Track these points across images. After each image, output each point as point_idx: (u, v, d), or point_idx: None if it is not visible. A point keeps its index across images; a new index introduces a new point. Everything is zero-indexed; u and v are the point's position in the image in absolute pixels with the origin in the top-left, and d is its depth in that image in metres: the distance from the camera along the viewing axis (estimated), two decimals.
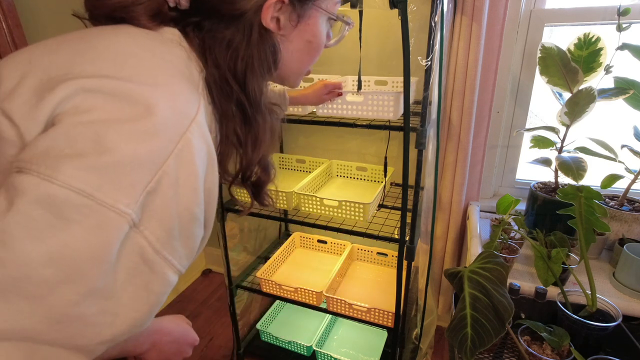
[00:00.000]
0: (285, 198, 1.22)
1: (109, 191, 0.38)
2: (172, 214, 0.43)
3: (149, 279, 0.44)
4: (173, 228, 0.44)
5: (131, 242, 0.41)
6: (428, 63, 0.96)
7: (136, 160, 0.39)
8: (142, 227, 0.41)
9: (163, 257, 0.44)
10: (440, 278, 1.58)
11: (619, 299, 0.93)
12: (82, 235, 0.37)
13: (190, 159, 0.43)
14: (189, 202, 0.44)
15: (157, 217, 0.42)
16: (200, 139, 0.44)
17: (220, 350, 1.62)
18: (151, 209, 0.41)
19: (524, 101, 1.36)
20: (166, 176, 0.41)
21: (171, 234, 0.44)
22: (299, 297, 1.35)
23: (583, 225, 0.83)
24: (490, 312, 0.69)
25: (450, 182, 1.38)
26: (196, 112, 0.45)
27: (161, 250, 0.43)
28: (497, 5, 1.15)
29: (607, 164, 1.07)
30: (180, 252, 0.46)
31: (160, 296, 0.46)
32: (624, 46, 1.02)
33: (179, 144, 0.42)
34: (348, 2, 0.92)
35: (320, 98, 1.09)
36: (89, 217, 0.37)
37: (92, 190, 0.37)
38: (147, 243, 0.42)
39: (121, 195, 0.38)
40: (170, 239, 0.44)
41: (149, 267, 0.43)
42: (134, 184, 0.39)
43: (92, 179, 0.37)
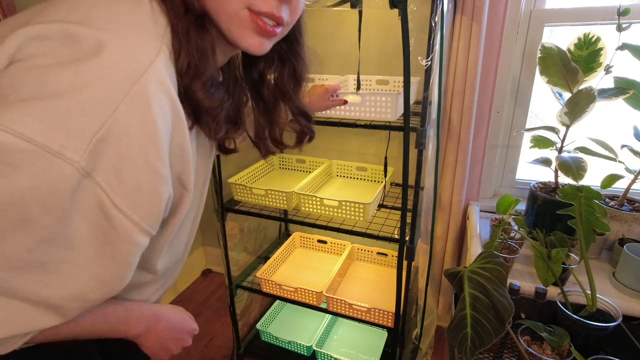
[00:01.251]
0: (285, 198, 1.22)
1: (53, 137, 0.36)
2: (129, 166, 0.41)
3: (111, 234, 0.43)
4: (132, 182, 0.41)
5: (89, 192, 0.40)
6: (428, 63, 0.96)
7: (81, 105, 0.37)
8: (99, 178, 0.39)
9: (122, 212, 0.42)
10: (440, 278, 1.58)
11: (619, 299, 0.93)
12: (29, 181, 0.37)
13: (146, 108, 0.40)
14: (147, 155, 0.42)
15: (112, 169, 0.40)
16: (158, 88, 0.41)
17: (220, 350, 1.62)
18: (105, 160, 0.39)
19: (524, 101, 1.36)
20: (117, 125, 0.39)
21: (130, 187, 0.42)
22: (299, 297, 1.35)
23: (583, 225, 0.83)
24: (490, 312, 0.69)
25: (450, 182, 1.38)
26: (153, 59, 0.41)
27: (120, 204, 0.41)
28: (497, 5, 1.15)
29: (607, 164, 1.07)
30: (143, 209, 0.44)
31: (127, 255, 0.45)
32: (624, 46, 1.02)
33: (131, 90, 0.39)
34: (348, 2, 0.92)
35: (325, 104, 1.07)
36: (35, 164, 0.36)
37: (35, 135, 0.36)
38: (105, 195, 0.40)
39: (67, 141, 0.37)
40: (130, 193, 0.42)
41: (109, 222, 0.42)
42: (80, 130, 0.37)
43: (36, 124, 0.36)
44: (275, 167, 1.60)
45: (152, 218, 0.46)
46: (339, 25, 1.42)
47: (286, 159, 1.60)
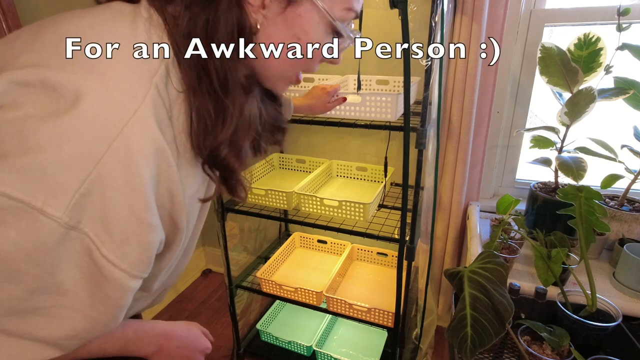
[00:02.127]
0: (285, 198, 1.22)
1: (36, 194, 0.36)
2: (116, 218, 0.40)
3: (101, 281, 0.42)
4: (120, 233, 0.41)
5: (77, 242, 0.39)
6: (428, 63, 0.96)
7: (63, 160, 0.36)
8: (86, 229, 0.39)
9: (111, 262, 0.41)
10: (440, 278, 1.58)
11: (619, 299, 0.93)
12: (14, 237, 0.37)
13: (130, 160, 0.39)
14: (134, 207, 0.41)
15: (99, 220, 0.39)
16: (143, 138, 0.40)
17: (220, 350, 1.62)
18: (91, 211, 0.39)
19: (524, 101, 1.36)
20: (101, 177, 0.38)
21: (118, 239, 0.41)
22: (299, 297, 1.35)
23: (583, 225, 0.83)
24: (490, 312, 0.69)
25: (450, 182, 1.38)
26: (139, 105, 0.39)
27: (108, 255, 0.41)
28: (497, 5, 1.15)
29: (607, 164, 1.07)
30: (133, 258, 0.43)
31: (118, 300, 0.44)
32: (624, 46, 1.02)
33: (114, 142, 0.38)
34: None
35: (325, 106, 1.07)
36: (20, 220, 0.36)
37: (16, 193, 0.36)
38: (93, 244, 0.40)
39: (49, 198, 0.36)
40: (119, 244, 0.41)
41: (99, 270, 0.41)
42: (62, 186, 0.37)
43: (17, 181, 0.36)
44: (275, 167, 1.60)
45: (143, 265, 0.45)
46: None
47: (286, 159, 1.60)
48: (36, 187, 0.36)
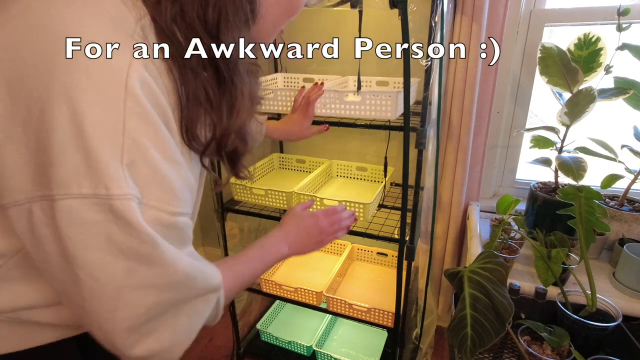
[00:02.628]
0: (285, 198, 1.22)
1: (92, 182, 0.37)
2: (163, 171, 0.42)
3: (178, 233, 0.46)
4: (172, 184, 0.43)
5: (147, 217, 0.41)
6: (428, 63, 0.96)
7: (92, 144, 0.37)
8: (147, 200, 0.41)
9: (178, 213, 0.44)
10: (440, 278, 1.58)
11: (619, 299, 0.93)
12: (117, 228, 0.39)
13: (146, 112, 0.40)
14: (170, 154, 0.43)
15: (153, 183, 0.41)
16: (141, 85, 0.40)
17: (220, 350, 1.62)
18: (144, 180, 0.40)
19: (524, 101, 1.36)
20: (134, 142, 0.39)
21: (174, 190, 0.44)
22: (299, 297, 1.35)
23: (583, 225, 0.83)
24: (490, 312, 0.69)
25: (450, 182, 1.38)
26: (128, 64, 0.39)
27: (175, 209, 0.44)
28: (497, 5, 1.15)
29: (607, 164, 1.07)
30: (186, 198, 0.46)
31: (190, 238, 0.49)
32: (624, 46, 1.02)
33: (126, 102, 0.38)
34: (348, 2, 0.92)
35: (303, 132, 1.06)
36: (106, 213, 0.38)
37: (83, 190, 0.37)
38: (160, 212, 0.42)
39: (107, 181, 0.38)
40: (175, 194, 0.44)
41: (173, 228, 0.45)
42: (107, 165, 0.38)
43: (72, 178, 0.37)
44: (275, 167, 1.60)
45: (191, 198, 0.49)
46: (339, 25, 1.42)
47: (286, 159, 1.60)
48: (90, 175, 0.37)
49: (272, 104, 1.17)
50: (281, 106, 1.17)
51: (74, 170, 0.37)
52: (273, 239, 0.68)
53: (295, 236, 0.71)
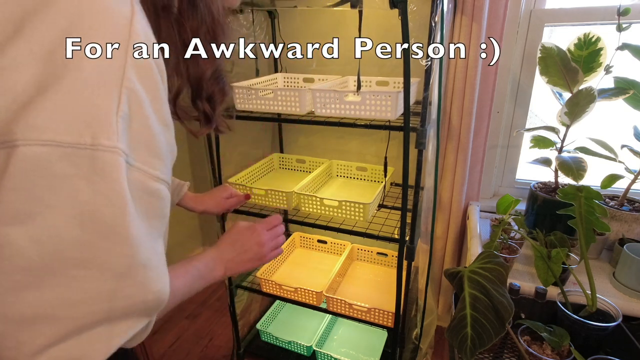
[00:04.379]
0: (285, 198, 1.22)
1: (76, 129, 0.33)
2: (153, 130, 0.39)
3: (159, 205, 0.42)
4: (159, 145, 0.40)
5: (133, 180, 0.37)
6: (428, 63, 0.96)
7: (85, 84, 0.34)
8: (134, 160, 0.37)
9: (160, 179, 0.41)
10: (440, 278, 1.58)
11: (619, 299, 0.93)
12: (85, 186, 0.34)
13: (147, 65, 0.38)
14: (163, 114, 0.41)
15: (142, 141, 0.38)
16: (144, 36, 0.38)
17: (220, 350, 1.62)
18: (135, 136, 0.37)
19: (524, 101, 1.36)
20: (132, 93, 0.36)
21: (159, 152, 0.41)
22: (299, 297, 1.35)
23: (583, 225, 0.83)
24: (490, 312, 0.69)
25: (450, 182, 1.38)
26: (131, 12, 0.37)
27: (158, 174, 0.40)
28: (497, 5, 1.15)
29: (607, 164, 1.07)
30: (169, 165, 0.44)
31: (166, 216, 0.45)
32: (624, 46, 1.02)
33: (128, 52, 0.36)
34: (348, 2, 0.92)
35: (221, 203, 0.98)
36: (79, 166, 0.33)
37: (60, 136, 0.32)
38: (144, 175, 0.39)
39: (95, 129, 0.34)
40: (161, 157, 0.41)
41: (155, 196, 0.41)
42: (100, 111, 0.34)
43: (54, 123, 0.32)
44: (275, 167, 1.60)
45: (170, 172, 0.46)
46: (339, 25, 1.42)
47: (286, 159, 1.60)
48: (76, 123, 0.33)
49: (272, 104, 1.17)
50: (281, 106, 1.17)
51: (55, 110, 0.33)
52: (209, 257, 0.62)
53: (231, 254, 0.66)
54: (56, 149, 0.32)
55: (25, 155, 0.32)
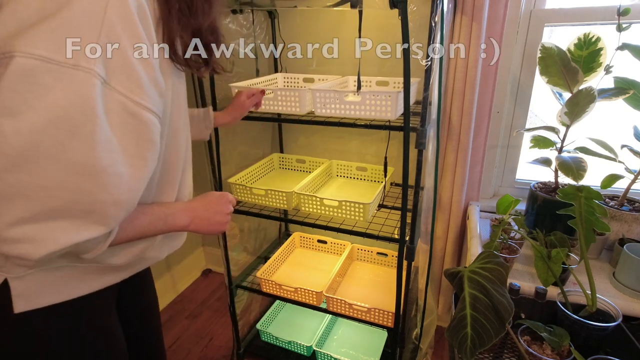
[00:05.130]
0: (285, 198, 1.22)
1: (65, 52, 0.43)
2: (133, 64, 0.48)
3: (141, 128, 0.51)
4: (140, 76, 0.49)
5: (112, 99, 0.47)
6: (428, 63, 0.96)
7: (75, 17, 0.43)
8: (114, 84, 0.47)
9: (142, 105, 0.50)
10: (440, 278, 1.58)
11: (619, 299, 0.93)
12: (63, 95, 0.43)
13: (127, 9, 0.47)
14: (140, 50, 0.49)
15: (121, 70, 0.47)
16: None
17: (220, 350, 1.62)
18: (113, 65, 0.46)
19: (524, 101, 1.36)
20: (111, 29, 0.45)
21: (140, 82, 0.49)
22: (299, 297, 1.35)
23: (583, 225, 0.83)
24: (490, 312, 0.69)
25: (450, 182, 1.38)
26: None
27: (140, 100, 0.49)
28: (497, 5, 1.15)
29: (607, 164, 1.07)
30: (153, 95, 0.52)
31: (155, 142, 0.54)
32: (624, 46, 1.02)
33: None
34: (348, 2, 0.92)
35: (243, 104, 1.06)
36: (61, 80, 0.43)
37: (50, 54, 0.42)
38: (125, 98, 0.48)
39: (77, 52, 0.43)
40: (142, 87, 0.50)
41: (136, 118, 0.50)
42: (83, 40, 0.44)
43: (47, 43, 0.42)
44: (275, 167, 1.60)
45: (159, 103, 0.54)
46: (339, 25, 1.42)
47: (286, 159, 1.60)
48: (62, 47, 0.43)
49: (272, 104, 1.17)
50: (281, 106, 1.17)
51: (49, 34, 0.42)
52: (180, 208, 0.69)
53: (201, 212, 0.72)
54: (45, 64, 0.42)
55: (20, 64, 0.41)
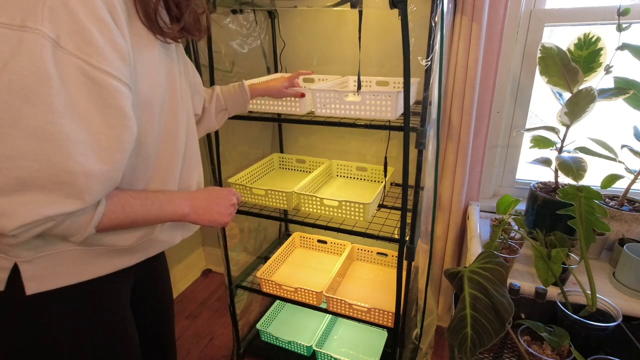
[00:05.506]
0: (285, 198, 1.22)
1: (12, 14, 0.43)
2: (84, 24, 0.47)
3: (102, 94, 0.49)
4: (93, 38, 0.47)
5: (68, 63, 0.46)
6: (428, 63, 0.96)
7: None
8: (68, 46, 0.46)
9: (102, 70, 0.48)
10: (440, 278, 1.58)
11: (619, 299, 0.93)
12: (12, 58, 0.43)
13: None
14: (90, 7, 0.47)
15: (74, 34, 0.46)
16: None
17: (220, 350, 1.62)
18: (65, 26, 0.45)
19: (524, 101, 1.36)
20: None
21: (96, 44, 0.48)
22: (299, 297, 1.35)
23: (583, 225, 0.83)
24: (490, 312, 0.69)
25: (450, 182, 1.38)
26: None
27: (96, 64, 0.48)
28: (497, 5, 1.15)
29: (607, 164, 1.07)
30: (112, 59, 0.50)
31: (122, 109, 0.51)
32: (624, 46, 1.02)
33: None
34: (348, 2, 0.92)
35: (282, 91, 1.07)
36: (8, 42, 0.43)
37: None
38: (81, 61, 0.47)
39: (25, 14, 0.43)
40: (98, 49, 0.48)
41: (96, 83, 0.48)
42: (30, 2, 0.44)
43: None
44: (275, 167, 1.60)
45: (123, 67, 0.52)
46: (339, 25, 1.42)
47: (286, 159, 1.60)
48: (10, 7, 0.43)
49: (273, 104, 1.17)
50: (281, 106, 1.17)
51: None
52: (179, 195, 0.68)
53: (202, 201, 0.71)
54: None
55: None
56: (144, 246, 0.70)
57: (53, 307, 0.61)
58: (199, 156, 0.78)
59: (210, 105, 0.93)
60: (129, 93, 0.53)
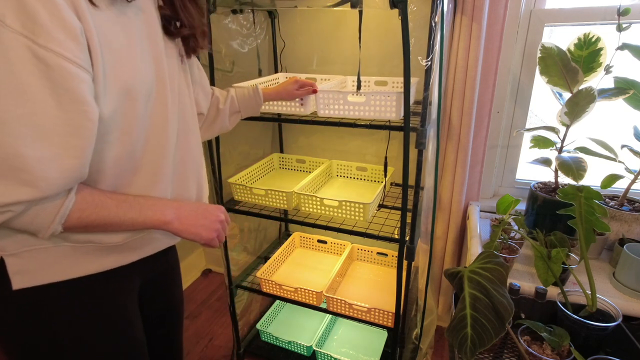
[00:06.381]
0: (285, 198, 1.22)
1: None
2: (31, 2, 0.44)
3: (52, 75, 0.46)
4: (39, 16, 0.44)
5: (15, 44, 0.44)
6: (428, 63, 0.96)
7: None
8: (12, 24, 0.43)
9: (50, 49, 0.45)
10: (440, 278, 1.58)
11: (619, 299, 0.93)
12: None
13: None
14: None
15: (19, 10, 0.43)
16: None
17: (220, 350, 1.62)
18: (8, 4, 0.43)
19: (524, 101, 1.36)
20: None
21: (41, 22, 0.44)
22: (299, 297, 1.35)
23: (583, 225, 0.83)
24: (490, 312, 0.69)
25: (450, 182, 1.38)
26: None
27: (43, 43, 0.45)
28: (497, 5, 1.15)
29: (607, 164, 1.07)
30: (62, 39, 0.46)
31: (74, 91, 0.48)
32: (624, 46, 1.02)
33: None
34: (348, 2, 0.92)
35: (292, 93, 1.09)
36: None
37: None
38: (29, 40, 0.44)
39: None
40: (44, 27, 0.45)
41: (44, 64, 0.46)
42: None
43: None
44: (275, 167, 1.60)
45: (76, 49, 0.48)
46: (339, 25, 1.42)
47: (286, 159, 1.60)
48: None
49: (273, 104, 1.17)
50: (282, 106, 1.17)
51: None
52: (163, 201, 0.65)
53: (188, 211, 0.67)
54: None
55: None
56: (137, 244, 0.68)
57: (50, 302, 0.61)
58: (200, 163, 0.75)
59: (225, 106, 0.93)
60: (86, 75, 0.50)
